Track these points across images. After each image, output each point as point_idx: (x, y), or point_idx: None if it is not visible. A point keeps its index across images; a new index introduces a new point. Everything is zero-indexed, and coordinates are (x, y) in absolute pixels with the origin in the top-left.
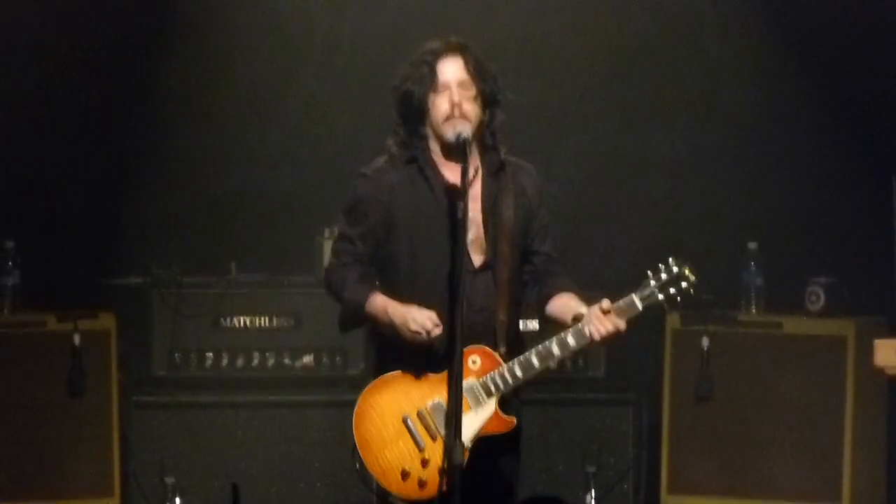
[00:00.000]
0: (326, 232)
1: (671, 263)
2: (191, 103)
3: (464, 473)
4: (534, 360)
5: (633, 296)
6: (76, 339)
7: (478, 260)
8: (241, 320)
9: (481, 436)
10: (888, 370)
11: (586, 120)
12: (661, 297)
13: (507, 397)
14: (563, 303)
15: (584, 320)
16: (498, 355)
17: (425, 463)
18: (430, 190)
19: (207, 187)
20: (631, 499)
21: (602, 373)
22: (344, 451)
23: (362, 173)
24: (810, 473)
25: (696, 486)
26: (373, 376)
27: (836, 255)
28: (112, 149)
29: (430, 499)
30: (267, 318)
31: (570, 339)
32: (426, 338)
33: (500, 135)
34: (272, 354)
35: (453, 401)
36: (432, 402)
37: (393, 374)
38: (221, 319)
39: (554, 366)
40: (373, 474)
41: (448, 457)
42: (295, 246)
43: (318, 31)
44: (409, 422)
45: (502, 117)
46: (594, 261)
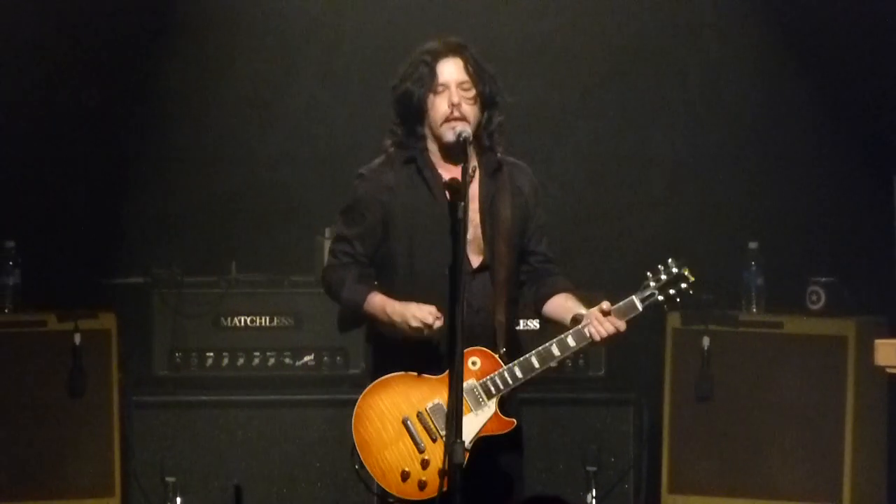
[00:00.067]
0: (327, 232)
1: (670, 264)
2: (191, 103)
3: (464, 474)
4: (534, 361)
5: (633, 297)
6: (76, 338)
7: (475, 261)
8: (242, 320)
9: (481, 437)
10: (889, 370)
11: (586, 120)
12: (660, 297)
13: (507, 397)
14: (561, 303)
15: (584, 321)
16: (498, 357)
17: (425, 464)
18: (429, 190)
19: (207, 187)
20: (631, 498)
21: (602, 372)
22: (344, 451)
23: (360, 174)
24: (810, 473)
25: (696, 486)
26: (370, 378)
27: (837, 254)
28: (112, 149)
29: (431, 500)
30: (267, 318)
31: (571, 341)
32: (428, 332)
33: (497, 135)
34: (272, 354)
35: (454, 400)
36: (432, 403)
37: (392, 375)
38: (222, 319)
39: (555, 366)
40: (373, 476)
41: (448, 456)
42: (295, 246)
43: (318, 31)
44: (408, 423)
45: (500, 118)
46: (594, 261)
